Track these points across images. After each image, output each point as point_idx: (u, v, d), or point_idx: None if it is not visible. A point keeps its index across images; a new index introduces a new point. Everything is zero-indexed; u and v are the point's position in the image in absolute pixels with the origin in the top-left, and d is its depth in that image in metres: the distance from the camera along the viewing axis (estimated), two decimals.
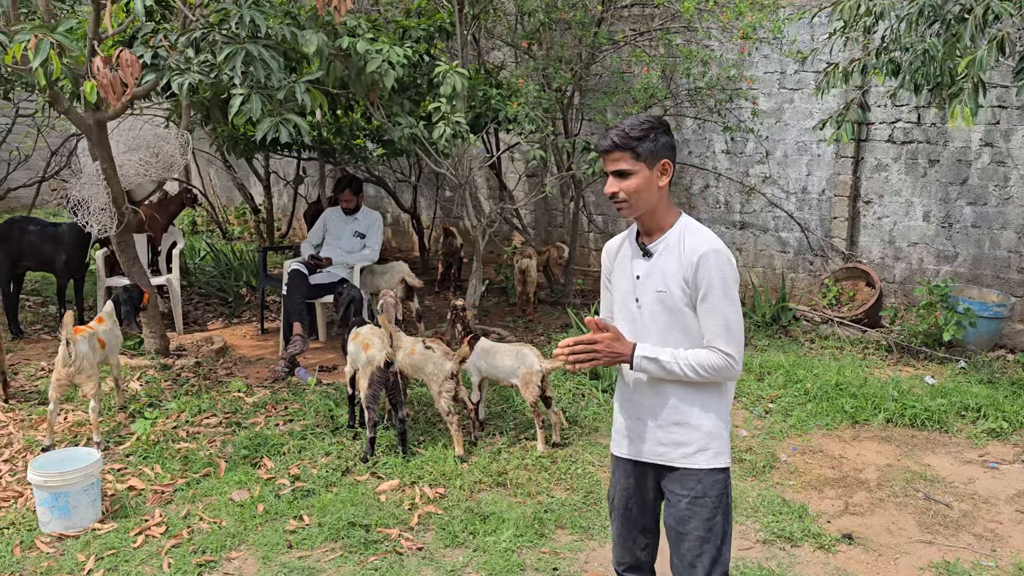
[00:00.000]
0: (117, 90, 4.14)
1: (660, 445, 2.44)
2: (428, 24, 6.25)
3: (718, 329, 2.30)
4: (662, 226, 2.39)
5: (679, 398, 2.40)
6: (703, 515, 2.40)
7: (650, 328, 2.39)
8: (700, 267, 2.29)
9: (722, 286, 2.29)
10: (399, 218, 10.57)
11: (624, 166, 2.32)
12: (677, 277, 2.33)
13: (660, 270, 2.37)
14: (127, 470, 4.33)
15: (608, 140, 2.33)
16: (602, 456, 4.60)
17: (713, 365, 2.30)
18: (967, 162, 6.75)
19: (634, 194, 2.33)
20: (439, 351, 4.57)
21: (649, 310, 2.39)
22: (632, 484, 2.55)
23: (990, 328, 6.35)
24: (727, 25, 6.70)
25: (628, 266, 2.46)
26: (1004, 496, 4.26)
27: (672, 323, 2.36)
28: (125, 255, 5.78)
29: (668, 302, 2.35)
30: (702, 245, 2.31)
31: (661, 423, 2.43)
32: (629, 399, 2.51)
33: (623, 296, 2.47)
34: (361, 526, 3.77)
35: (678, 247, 2.35)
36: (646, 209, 2.37)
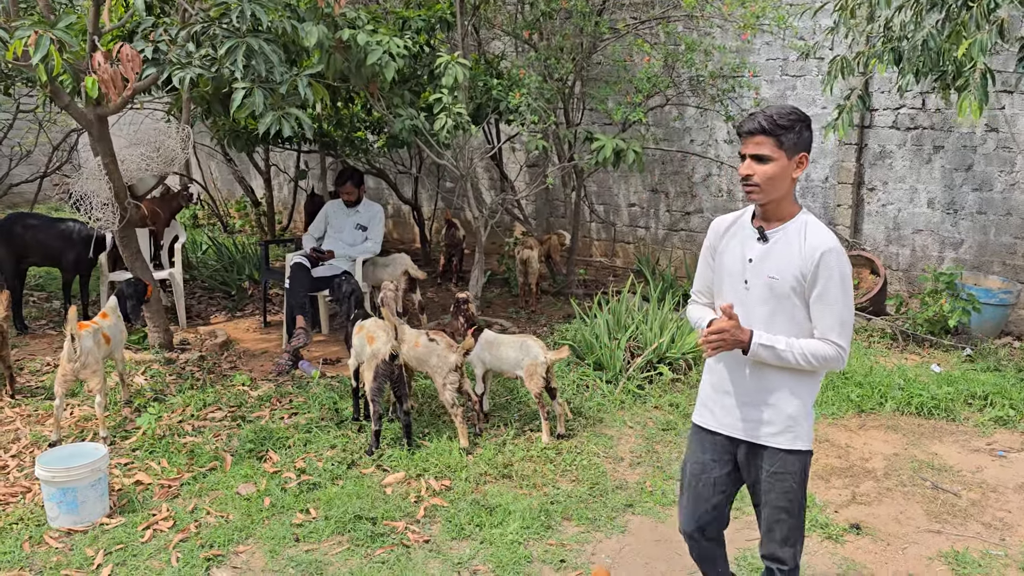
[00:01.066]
0: (118, 85, 4.13)
1: (745, 421, 2.55)
2: (428, 15, 6.21)
3: (834, 323, 2.40)
4: (783, 216, 2.47)
5: (771, 379, 2.50)
6: (782, 488, 2.54)
7: (756, 310, 2.48)
8: (822, 264, 2.37)
9: (840, 283, 2.38)
10: (400, 210, 10.55)
11: (765, 151, 2.38)
12: (794, 268, 2.41)
13: (776, 257, 2.44)
14: (134, 465, 4.33)
15: (755, 123, 2.38)
16: (607, 447, 4.59)
17: (825, 355, 2.40)
18: (972, 148, 6.72)
19: (768, 180, 2.39)
20: (443, 343, 4.56)
21: (758, 293, 2.47)
22: (707, 458, 2.66)
23: (996, 315, 6.33)
24: (728, 16, 6.66)
25: (740, 247, 2.54)
26: (1012, 485, 4.25)
27: (778, 309, 2.45)
28: (128, 250, 5.77)
29: (778, 289, 2.43)
30: (824, 242, 2.39)
31: (750, 400, 2.54)
32: (722, 374, 2.60)
33: (731, 275, 2.55)
34: (368, 519, 3.77)
35: (798, 240, 2.42)
36: (775, 197, 2.43)
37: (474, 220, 6.54)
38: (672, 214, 8.50)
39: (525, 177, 9.11)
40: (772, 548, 2.62)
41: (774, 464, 2.53)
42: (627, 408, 5.13)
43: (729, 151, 7.95)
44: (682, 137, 8.24)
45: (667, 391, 5.36)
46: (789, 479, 2.54)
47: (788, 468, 2.53)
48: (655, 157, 8.34)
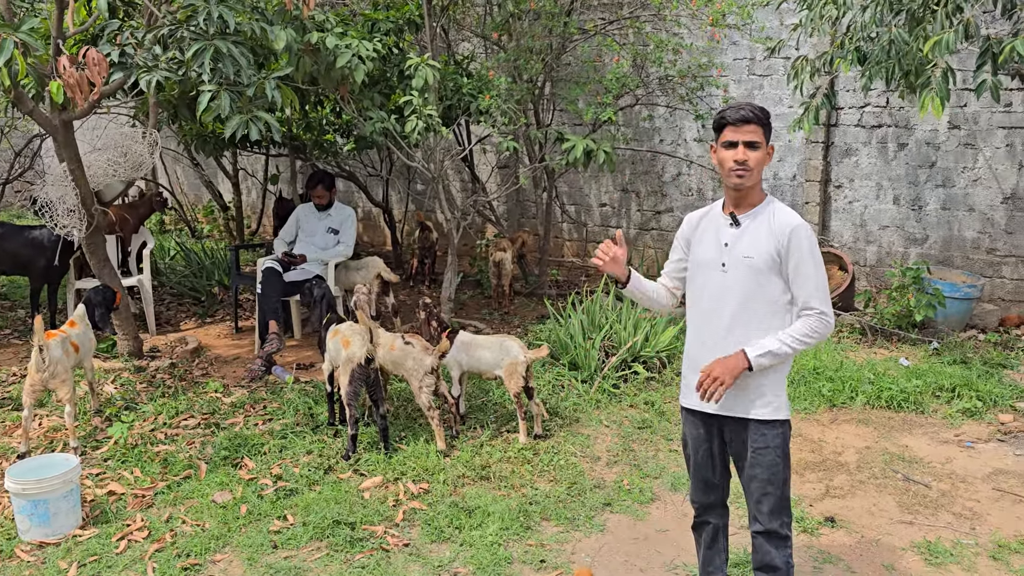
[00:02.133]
0: (84, 89, 4.07)
1: (725, 398, 2.68)
2: (397, 17, 6.19)
3: (812, 290, 2.60)
4: (754, 202, 2.69)
5: (739, 343, 2.65)
6: (766, 462, 2.69)
7: (733, 291, 2.67)
8: (792, 238, 2.58)
9: (811, 254, 2.60)
10: (371, 212, 10.50)
11: (756, 138, 2.60)
12: (768, 246, 2.61)
13: (749, 238, 2.65)
14: (106, 475, 4.27)
15: (748, 112, 2.59)
16: (584, 447, 4.61)
17: (814, 328, 2.60)
18: (935, 145, 6.84)
19: (757, 165, 2.61)
20: (419, 346, 4.55)
21: (735, 274, 2.66)
22: (701, 434, 2.84)
23: (961, 309, 6.45)
24: (696, 12, 6.72)
25: (714, 235, 2.74)
26: (981, 475, 4.33)
27: (755, 285, 2.64)
28: (95, 257, 5.68)
29: (754, 267, 2.63)
30: (792, 220, 2.62)
31: None
32: (700, 355, 2.74)
33: (707, 261, 2.73)
34: (346, 524, 3.74)
35: (768, 220, 2.64)
36: (754, 182, 2.64)
37: (446, 222, 6.54)
38: (643, 213, 8.55)
39: (496, 178, 9.12)
40: (762, 521, 2.75)
41: (756, 439, 2.69)
42: (603, 407, 5.15)
43: (699, 150, 8.02)
44: (652, 137, 8.30)
45: (642, 389, 5.39)
46: (771, 453, 2.69)
47: (770, 442, 2.69)
48: (625, 157, 8.39)
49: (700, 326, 2.78)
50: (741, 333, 2.66)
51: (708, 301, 2.73)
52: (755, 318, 2.65)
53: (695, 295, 2.80)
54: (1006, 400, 5.16)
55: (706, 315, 2.75)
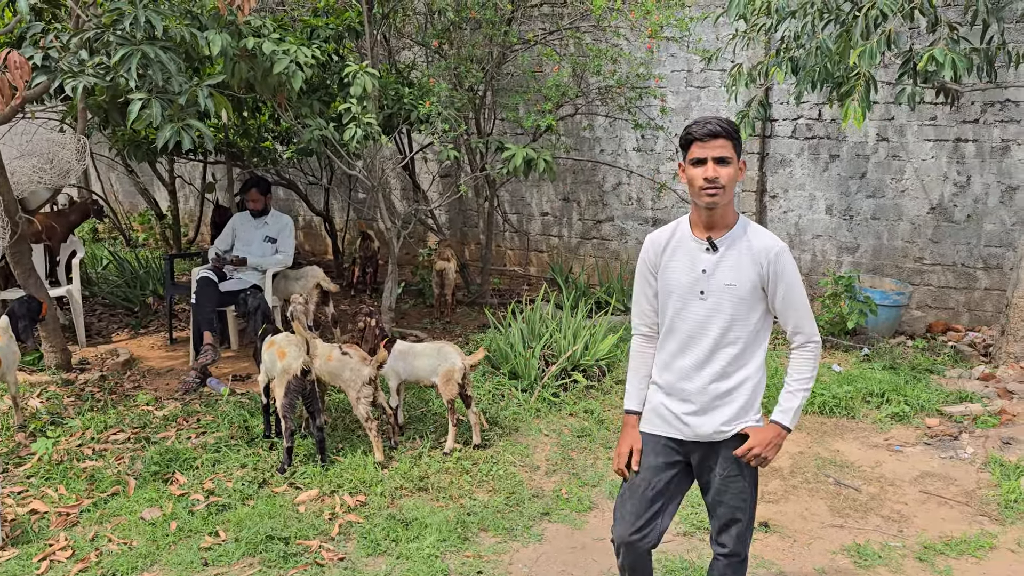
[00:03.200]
0: (5, 93, 3.93)
1: (703, 425, 2.57)
2: (337, 23, 6.14)
3: (803, 315, 2.53)
4: (729, 223, 2.52)
5: (731, 380, 2.56)
6: (736, 489, 2.61)
7: (713, 320, 2.53)
8: (778, 264, 2.48)
9: (796, 278, 2.51)
10: (312, 221, 10.37)
11: (727, 153, 2.43)
12: (750, 273, 2.49)
13: (729, 265, 2.51)
14: (28, 493, 4.11)
15: (714, 126, 2.42)
16: (523, 456, 4.60)
17: (816, 361, 2.56)
18: (865, 156, 7.03)
19: (729, 183, 2.44)
20: (356, 357, 4.50)
21: (714, 303, 2.52)
22: (661, 463, 2.66)
23: (890, 316, 6.63)
24: (635, 23, 6.80)
25: (687, 260, 2.56)
26: (908, 478, 4.45)
27: (736, 316, 2.51)
28: (20, 266, 5.49)
29: (736, 295, 2.50)
30: (774, 243, 2.50)
31: (710, 406, 2.57)
32: (677, 384, 2.61)
33: (683, 289, 2.56)
34: (280, 539, 3.67)
35: (747, 244, 2.50)
36: (727, 200, 2.47)
37: (387, 231, 6.49)
38: (584, 222, 8.61)
39: (438, 187, 9.09)
40: (727, 544, 2.69)
41: (728, 465, 2.59)
42: (543, 416, 5.15)
43: (638, 160, 8.11)
44: (592, 147, 8.37)
45: (582, 398, 5.41)
46: (741, 480, 2.60)
47: (743, 467, 2.59)
48: (566, 166, 8.44)
49: (675, 354, 2.61)
50: (722, 362, 2.54)
51: (685, 329, 2.57)
52: (737, 345, 2.53)
53: (668, 322, 2.62)
54: (933, 404, 5.31)
55: (682, 343, 2.59)
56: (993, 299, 6.67)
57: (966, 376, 5.83)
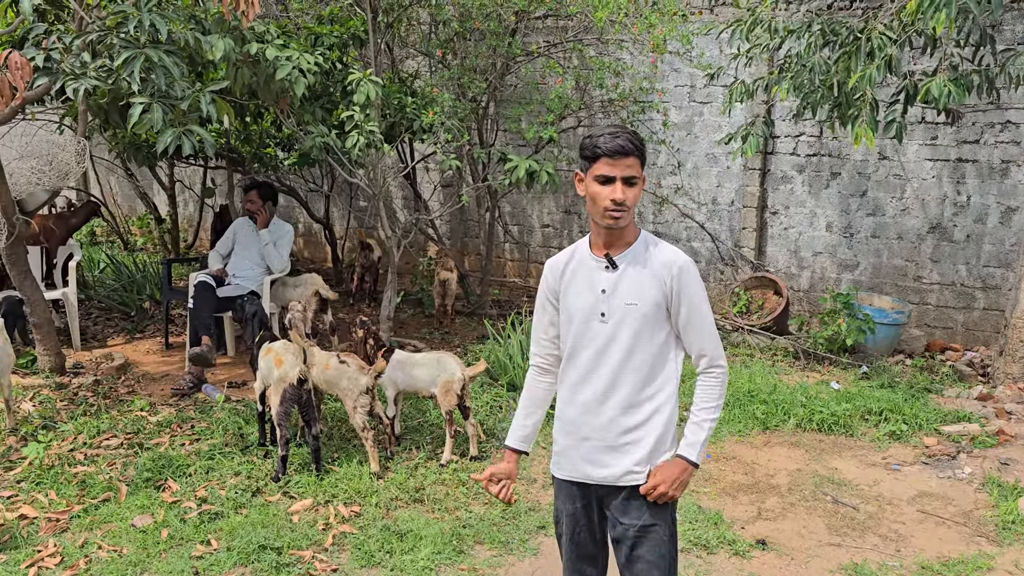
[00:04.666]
0: (6, 94, 3.91)
1: (607, 466, 2.37)
2: (341, 31, 6.13)
3: (709, 341, 2.36)
4: (629, 239, 2.35)
5: (638, 411, 2.36)
6: (654, 541, 2.36)
7: (615, 342, 2.34)
8: (681, 280, 2.30)
9: (701, 295, 2.34)
10: (312, 228, 10.35)
11: (635, 172, 2.25)
12: (652, 290, 2.31)
13: (629, 282, 2.33)
14: (18, 497, 4.07)
15: (624, 141, 2.22)
16: (520, 469, 4.56)
17: (722, 388, 2.38)
18: (866, 175, 7.03)
19: (635, 202, 2.28)
20: (354, 365, 4.47)
21: (615, 324, 2.33)
22: (579, 508, 2.46)
23: (889, 334, 6.61)
24: (637, 37, 6.81)
25: (587, 281, 2.38)
26: (906, 497, 4.42)
27: (639, 338, 2.33)
28: (16, 268, 5.46)
29: (638, 315, 2.32)
30: (677, 258, 2.33)
31: (614, 443, 2.37)
32: (577, 419, 2.41)
33: (583, 312, 2.37)
34: (273, 549, 3.63)
35: (647, 260, 2.33)
36: (629, 220, 2.31)
37: (387, 239, 6.47)
38: (584, 234, 8.58)
39: (439, 196, 9.08)
40: None
41: (641, 515, 2.35)
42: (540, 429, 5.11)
43: None
44: None
45: None
46: (660, 529, 2.36)
47: (655, 517, 2.36)
48: (568, 179, 8.42)
49: (577, 384, 2.40)
50: (627, 391, 2.34)
51: (587, 355, 2.37)
52: (642, 371, 2.34)
53: (569, 349, 2.41)
54: (931, 424, 5.29)
55: (584, 371, 2.38)
56: (992, 319, 6.66)
57: (964, 396, 5.81)
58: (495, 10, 6.59)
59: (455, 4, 6.71)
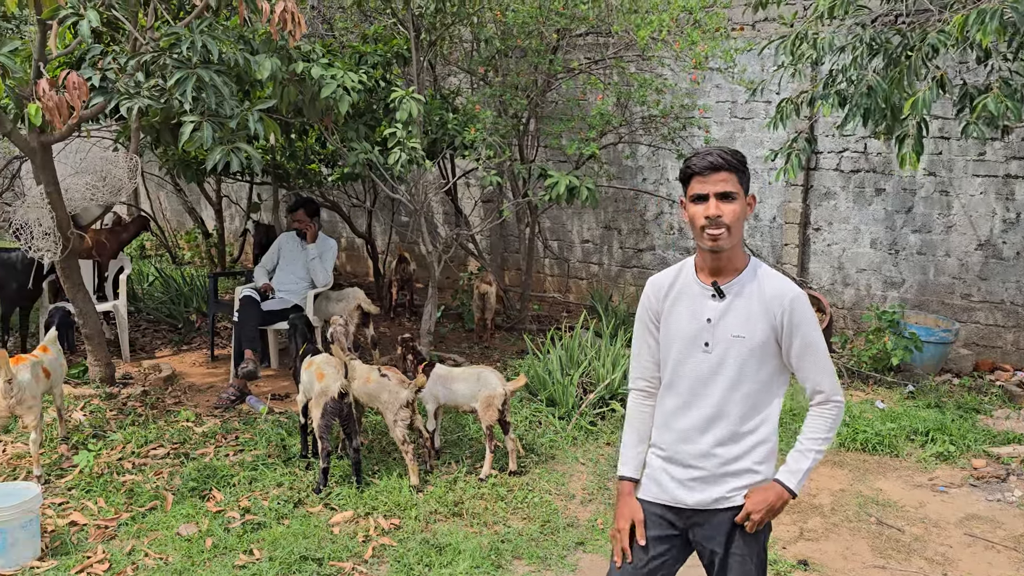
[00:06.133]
0: (63, 113, 4.05)
1: (706, 492, 2.30)
2: (385, 50, 6.24)
3: (824, 375, 2.25)
4: (738, 266, 2.27)
5: (725, 443, 2.28)
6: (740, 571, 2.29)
7: (719, 374, 2.26)
8: (795, 311, 2.21)
9: (814, 327, 2.23)
10: (354, 243, 10.48)
11: (731, 188, 2.19)
12: (761, 323, 2.22)
13: (737, 313, 2.24)
14: (69, 504, 4.18)
15: (714, 158, 2.19)
16: (559, 484, 4.57)
17: (834, 422, 2.28)
18: (912, 191, 6.93)
19: (736, 221, 2.19)
20: (395, 379, 4.51)
21: (720, 355, 2.25)
22: (651, 535, 2.36)
23: (936, 353, 6.49)
24: (680, 54, 6.81)
25: (690, 307, 2.30)
26: (953, 520, 4.33)
27: (743, 372, 2.24)
28: (70, 280, 5.62)
29: (744, 348, 2.23)
30: (789, 288, 2.24)
31: (717, 472, 2.29)
32: (668, 445, 2.36)
33: (685, 339, 2.30)
34: (313, 559, 3.68)
35: (757, 290, 2.24)
36: (735, 242, 2.22)
37: (428, 254, 6.53)
38: (625, 251, 8.59)
39: (480, 212, 9.14)
40: None
41: (733, 544, 2.28)
42: (579, 444, 5.12)
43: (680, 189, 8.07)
44: (635, 175, 8.36)
45: (619, 427, 5.36)
46: (748, 563, 2.28)
47: (749, 548, 2.28)
48: (608, 195, 8.44)
49: (676, 412, 2.33)
50: (728, 423, 2.26)
51: (687, 384, 2.30)
52: (746, 404, 2.25)
53: (669, 375, 2.34)
54: (979, 445, 5.17)
55: (684, 400, 2.31)
56: None
57: (1014, 416, 5.68)
58: (537, 28, 6.65)
59: (497, 22, 6.79)
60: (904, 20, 6.48)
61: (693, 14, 6.60)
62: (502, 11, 6.58)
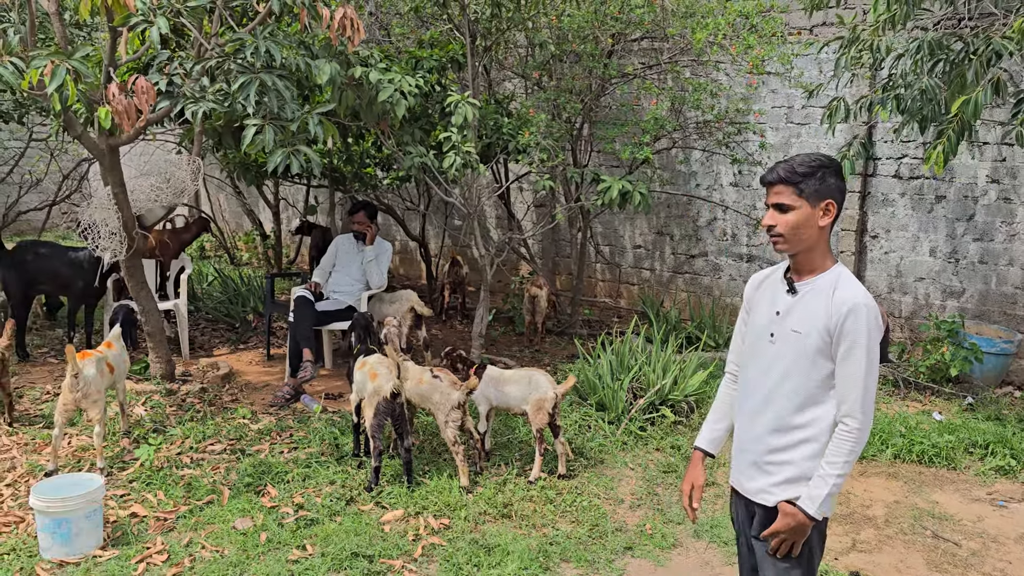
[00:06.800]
0: (131, 116, 4.19)
1: (749, 480, 2.48)
2: (440, 55, 6.31)
3: (857, 396, 2.28)
4: (815, 268, 2.38)
5: (772, 432, 2.42)
6: (778, 568, 2.41)
7: (776, 366, 2.40)
8: (849, 319, 2.26)
9: (867, 344, 2.27)
10: (407, 246, 10.60)
11: (785, 200, 2.34)
12: (819, 323, 2.31)
13: (802, 310, 2.36)
14: (130, 496, 4.31)
15: (774, 173, 2.36)
16: (607, 488, 4.57)
17: (848, 442, 2.29)
18: (973, 198, 6.76)
19: (791, 230, 2.34)
20: (447, 381, 4.57)
21: (779, 348, 2.39)
22: (740, 516, 2.59)
23: (997, 364, 6.32)
24: (736, 58, 6.76)
25: (770, 299, 2.47)
26: (1013, 535, 4.22)
27: (796, 367, 2.35)
28: (134, 279, 5.80)
29: (799, 345, 2.34)
30: (854, 297, 2.29)
31: (754, 455, 2.47)
32: (736, 430, 2.56)
33: (759, 329, 2.47)
34: (364, 556, 3.74)
35: (827, 293, 2.33)
36: (803, 247, 2.36)
37: (480, 258, 6.58)
38: (677, 256, 8.53)
39: (532, 216, 9.17)
40: None
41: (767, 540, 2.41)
42: (628, 449, 5.11)
43: (734, 195, 8.00)
44: (688, 181, 8.31)
45: (669, 433, 5.34)
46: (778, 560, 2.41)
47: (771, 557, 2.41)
48: (661, 200, 8.40)
49: (743, 396, 2.52)
50: (777, 414, 2.39)
51: (753, 371, 2.47)
52: (795, 398, 2.36)
53: (744, 363, 2.55)
54: None
55: (749, 386, 2.49)
56: None
57: None
58: (592, 32, 6.66)
59: (552, 27, 6.82)
60: (968, 24, 6.33)
61: (750, 18, 6.54)
62: (557, 16, 6.61)
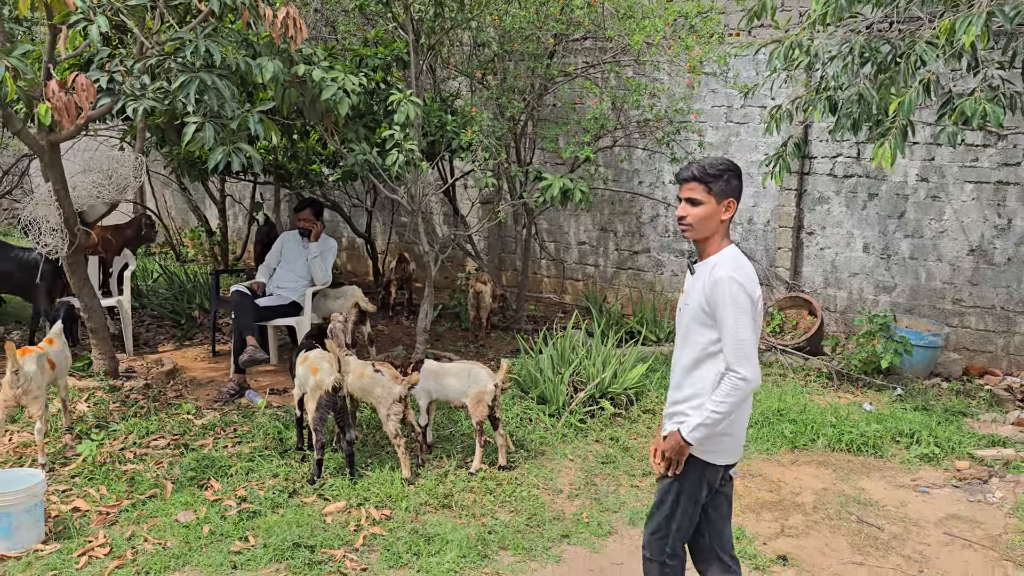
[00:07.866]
0: (72, 113, 4.18)
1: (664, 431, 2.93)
2: (385, 53, 6.36)
3: (729, 345, 2.71)
4: (710, 252, 2.82)
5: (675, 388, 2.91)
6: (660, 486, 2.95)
7: (679, 335, 2.92)
8: (716, 290, 2.71)
9: (730, 308, 2.69)
10: (354, 243, 10.62)
11: (697, 196, 2.77)
12: (699, 296, 2.78)
13: (692, 287, 2.84)
14: (72, 491, 4.31)
15: (689, 172, 2.78)
16: (547, 479, 4.69)
17: (728, 391, 2.71)
18: (904, 196, 7.03)
19: (699, 221, 2.77)
20: (388, 375, 4.64)
21: (681, 319, 2.91)
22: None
23: (925, 357, 6.58)
24: (674, 58, 6.92)
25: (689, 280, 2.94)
26: (933, 519, 4.43)
27: (688, 334, 2.85)
28: (76, 276, 5.75)
29: (687, 314, 2.85)
30: (723, 272, 2.72)
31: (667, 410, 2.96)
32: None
33: (679, 306, 2.96)
34: (306, 547, 3.81)
35: (709, 270, 2.77)
36: (705, 235, 2.80)
37: (425, 254, 6.65)
38: (620, 252, 8.70)
39: (478, 213, 9.27)
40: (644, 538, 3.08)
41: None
42: (569, 441, 5.23)
43: (675, 192, 8.18)
44: (631, 178, 8.48)
45: (608, 425, 5.48)
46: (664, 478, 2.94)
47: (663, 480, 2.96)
48: (605, 197, 8.55)
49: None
50: (677, 373, 2.90)
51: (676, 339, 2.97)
52: (688, 360, 2.84)
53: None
54: (964, 447, 5.27)
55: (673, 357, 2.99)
56: None
57: (1000, 420, 5.78)
58: (534, 32, 6.77)
59: (495, 27, 6.91)
60: (898, 27, 6.59)
61: (689, 19, 6.71)
62: (500, 16, 6.70)
